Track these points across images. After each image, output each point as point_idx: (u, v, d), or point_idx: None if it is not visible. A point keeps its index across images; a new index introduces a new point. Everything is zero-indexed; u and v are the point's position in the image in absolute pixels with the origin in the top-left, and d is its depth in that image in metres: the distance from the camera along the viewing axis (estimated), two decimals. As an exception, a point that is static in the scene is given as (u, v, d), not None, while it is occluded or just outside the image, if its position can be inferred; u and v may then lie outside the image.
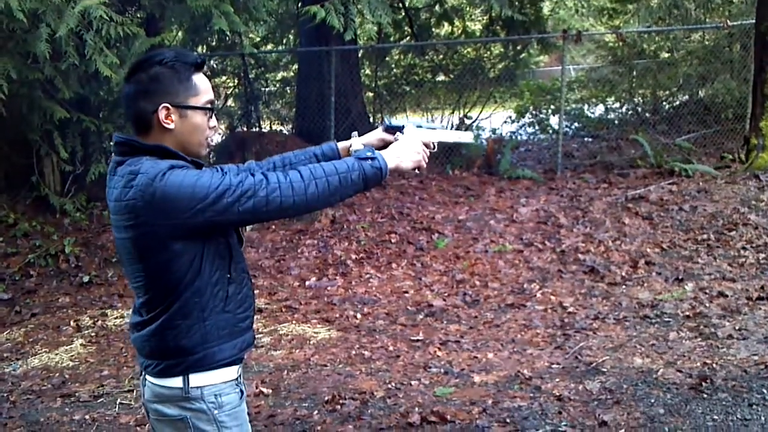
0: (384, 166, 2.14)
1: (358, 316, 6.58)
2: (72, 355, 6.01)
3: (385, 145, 2.40)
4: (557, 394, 4.57)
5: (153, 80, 2.05)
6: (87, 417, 4.71)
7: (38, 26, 6.62)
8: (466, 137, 2.63)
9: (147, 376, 2.19)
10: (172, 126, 2.07)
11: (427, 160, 2.31)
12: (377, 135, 2.51)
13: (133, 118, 2.10)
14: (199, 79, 2.12)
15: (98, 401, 4.99)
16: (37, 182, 8.83)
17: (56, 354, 6.06)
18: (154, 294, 2.09)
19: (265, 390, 4.92)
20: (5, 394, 5.21)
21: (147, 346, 2.15)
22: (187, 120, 2.09)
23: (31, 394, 5.21)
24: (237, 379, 2.21)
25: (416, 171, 2.31)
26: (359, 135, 2.49)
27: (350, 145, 2.45)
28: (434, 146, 2.43)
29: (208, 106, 2.13)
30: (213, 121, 2.17)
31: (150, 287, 2.09)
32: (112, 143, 2.12)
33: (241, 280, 2.19)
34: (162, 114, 2.05)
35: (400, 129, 2.42)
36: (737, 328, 5.49)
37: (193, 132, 2.11)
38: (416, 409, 4.47)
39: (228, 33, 8.28)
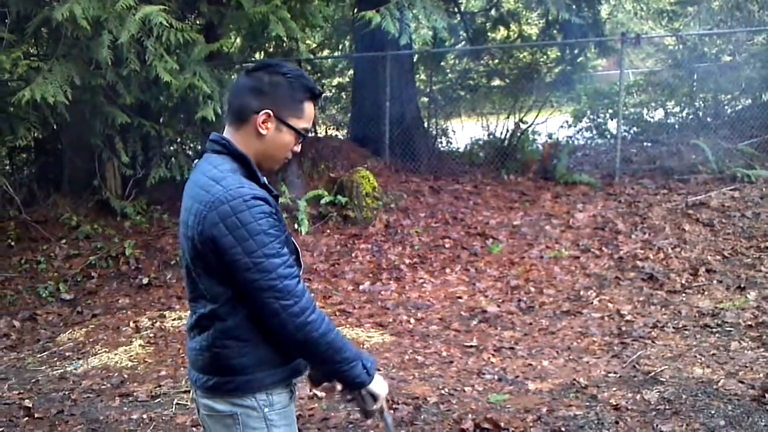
0: (366, 379, 2.19)
1: (412, 320, 6.57)
2: (131, 356, 6.13)
3: None
4: (614, 403, 4.49)
5: (271, 84, 2.12)
6: (145, 416, 4.80)
7: (101, 33, 6.79)
8: None
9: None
10: (264, 132, 2.13)
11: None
12: None
13: (236, 107, 2.14)
14: (308, 107, 2.18)
15: (156, 401, 5.08)
16: (99, 186, 9.05)
17: (116, 354, 6.19)
18: (209, 307, 2.11)
19: (318, 393, 4.94)
20: (67, 393, 5.34)
21: (200, 360, 2.17)
22: (280, 135, 2.15)
23: (91, 393, 5.33)
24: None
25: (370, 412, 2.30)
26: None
27: None
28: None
29: (302, 132, 2.19)
30: (298, 147, 2.23)
31: (203, 298, 2.12)
32: (209, 140, 2.20)
33: None
34: (261, 118, 2.11)
35: None
36: (803, 338, 5.32)
37: (279, 147, 2.18)
38: (469, 415, 4.44)
39: (285, 39, 8.33)
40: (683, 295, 6.55)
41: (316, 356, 2.12)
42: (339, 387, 2.28)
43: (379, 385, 2.23)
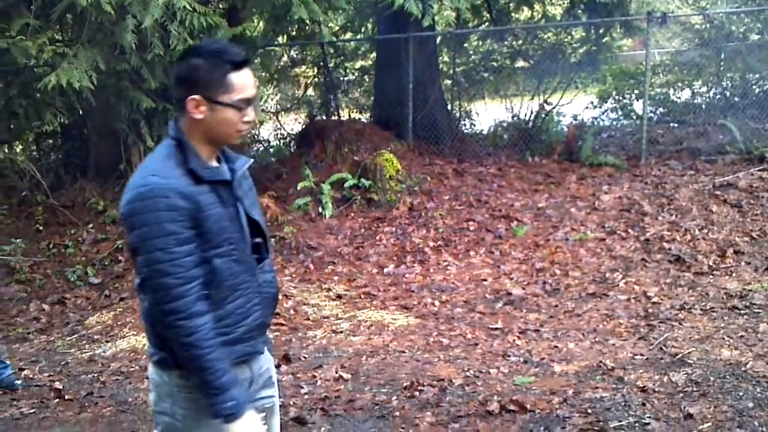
0: (224, 412, 2.06)
1: (437, 303, 6.57)
2: (158, 338, 6.18)
3: None
4: (641, 385, 4.47)
5: (190, 69, 2.10)
6: (172, 398, 4.84)
7: (125, 18, 6.81)
8: None
9: None
10: (200, 117, 2.09)
11: None
12: None
13: (174, 98, 2.21)
14: (237, 77, 2.09)
15: (183, 383, 5.12)
16: (124, 170, 9.10)
17: (143, 337, 6.24)
18: (137, 280, 2.16)
19: (344, 375, 4.97)
20: (96, 375, 5.41)
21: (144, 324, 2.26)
22: (218, 113, 2.10)
23: (120, 375, 5.40)
24: None
25: None
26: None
27: None
28: None
29: (242, 104, 2.11)
30: (249, 116, 2.14)
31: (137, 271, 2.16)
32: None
33: (224, 297, 2.13)
34: (190, 105, 2.08)
35: None
36: (833, 320, 5.26)
37: (222, 125, 2.12)
38: (495, 397, 4.44)
39: (308, 22, 8.32)
40: (711, 276, 6.49)
41: (186, 361, 2.07)
42: None
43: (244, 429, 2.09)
